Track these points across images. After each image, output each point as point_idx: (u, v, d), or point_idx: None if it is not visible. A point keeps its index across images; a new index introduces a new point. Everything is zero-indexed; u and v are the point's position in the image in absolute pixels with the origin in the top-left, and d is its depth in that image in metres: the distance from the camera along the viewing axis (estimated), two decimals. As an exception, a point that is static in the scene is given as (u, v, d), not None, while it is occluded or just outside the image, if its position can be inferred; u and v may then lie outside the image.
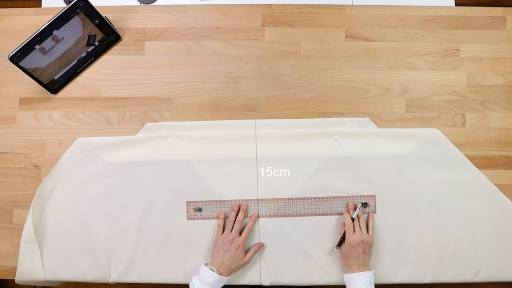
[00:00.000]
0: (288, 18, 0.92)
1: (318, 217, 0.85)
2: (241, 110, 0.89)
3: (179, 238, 0.84)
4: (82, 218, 0.85)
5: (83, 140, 0.87)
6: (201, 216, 0.85)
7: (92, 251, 0.84)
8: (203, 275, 0.76)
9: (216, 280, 0.75)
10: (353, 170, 0.85)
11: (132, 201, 0.85)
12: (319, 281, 0.83)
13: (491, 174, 0.87)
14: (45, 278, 0.84)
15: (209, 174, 0.85)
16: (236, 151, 0.86)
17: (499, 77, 0.90)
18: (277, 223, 0.84)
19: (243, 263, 0.80)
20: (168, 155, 0.86)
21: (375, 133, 0.87)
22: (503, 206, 0.86)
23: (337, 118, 0.88)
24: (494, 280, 0.84)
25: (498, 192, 0.86)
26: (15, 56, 0.79)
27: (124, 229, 0.84)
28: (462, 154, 0.87)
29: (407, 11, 0.92)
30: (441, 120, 0.89)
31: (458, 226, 0.84)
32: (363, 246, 0.77)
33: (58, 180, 0.86)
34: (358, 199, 0.85)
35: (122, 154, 0.86)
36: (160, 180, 0.85)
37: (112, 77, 0.90)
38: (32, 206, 0.85)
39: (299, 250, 0.84)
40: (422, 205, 0.85)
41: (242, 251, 0.80)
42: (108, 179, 0.85)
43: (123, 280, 0.84)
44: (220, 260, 0.78)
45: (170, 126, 0.88)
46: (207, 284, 0.75)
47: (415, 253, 0.84)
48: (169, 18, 0.92)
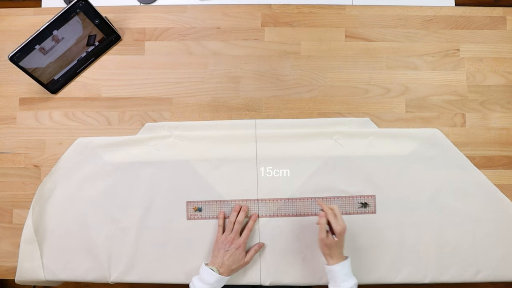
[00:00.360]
0: (288, 18, 0.92)
1: (318, 217, 0.84)
2: (241, 110, 0.89)
3: (179, 238, 0.84)
4: (82, 218, 0.85)
5: (83, 140, 0.87)
6: (201, 216, 0.85)
7: (92, 251, 0.84)
8: (203, 275, 0.76)
9: (217, 280, 0.75)
10: (353, 170, 0.85)
11: (132, 201, 0.85)
12: (319, 281, 0.83)
13: (491, 174, 0.87)
14: (45, 278, 0.84)
15: (209, 174, 0.85)
16: (236, 151, 0.86)
17: (499, 77, 0.90)
18: (277, 223, 0.84)
19: (244, 263, 0.80)
20: (168, 155, 0.86)
21: (375, 133, 0.87)
22: (503, 206, 0.86)
23: (337, 118, 0.88)
24: (494, 280, 0.84)
25: (498, 192, 0.86)
26: (15, 56, 0.79)
27: (124, 229, 0.84)
28: (462, 154, 0.87)
29: (407, 11, 0.92)
30: (441, 120, 0.89)
31: (458, 226, 0.84)
32: (345, 233, 0.76)
33: (58, 180, 0.86)
34: (358, 199, 0.85)
35: (122, 154, 0.86)
36: (160, 180, 0.85)
37: (112, 77, 0.90)
38: (32, 206, 0.85)
39: (299, 250, 0.84)
40: (422, 205, 0.85)
41: (243, 251, 0.80)
42: (108, 179, 0.85)
43: (123, 280, 0.84)
44: (220, 260, 0.78)
45: (170, 126, 0.88)
46: (207, 284, 0.75)
47: (415, 253, 0.84)
48: (169, 18, 0.92)
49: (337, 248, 0.75)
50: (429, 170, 0.86)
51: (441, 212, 0.85)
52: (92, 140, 0.87)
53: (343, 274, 0.74)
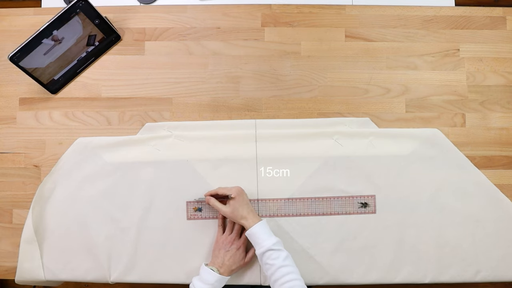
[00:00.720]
0: (288, 18, 0.92)
1: (318, 217, 0.85)
2: (241, 110, 0.89)
3: (179, 238, 0.84)
4: (82, 218, 0.85)
5: (83, 140, 0.87)
6: (201, 216, 0.85)
7: (92, 251, 0.84)
8: (203, 275, 0.76)
9: (217, 280, 0.75)
10: (353, 170, 0.85)
11: (132, 201, 0.85)
12: (319, 281, 0.83)
13: (491, 174, 0.87)
14: (45, 278, 0.84)
15: (209, 174, 0.85)
16: (236, 151, 0.86)
17: (499, 77, 0.90)
18: (277, 223, 0.84)
19: (244, 264, 0.80)
20: (168, 155, 0.86)
21: (375, 133, 0.87)
22: (503, 206, 0.86)
23: (337, 118, 0.88)
24: (494, 280, 0.84)
25: (498, 192, 0.86)
26: (15, 56, 0.79)
27: (124, 229, 0.84)
28: (462, 154, 0.87)
29: (407, 11, 0.92)
30: (441, 120, 0.89)
31: (458, 226, 0.84)
32: (243, 194, 0.80)
33: (58, 180, 0.86)
34: (358, 199, 0.85)
35: (122, 154, 0.86)
36: (160, 180, 0.85)
37: (112, 77, 0.90)
38: (32, 206, 0.85)
39: (299, 250, 0.84)
40: (422, 205, 0.85)
41: (243, 251, 0.80)
42: (108, 179, 0.85)
43: (123, 280, 0.84)
44: (221, 261, 0.78)
45: (170, 126, 0.88)
46: (208, 284, 0.75)
47: (415, 253, 0.84)
48: (169, 18, 0.92)
49: (243, 208, 0.77)
50: (429, 170, 0.86)
51: (441, 212, 0.85)
52: (92, 140, 0.87)
53: (263, 233, 0.75)
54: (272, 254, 0.73)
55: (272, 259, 0.72)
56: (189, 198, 0.85)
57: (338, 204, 0.85)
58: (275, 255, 0.73)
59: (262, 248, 0.74)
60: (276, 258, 0.72)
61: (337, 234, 0.84)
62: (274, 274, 0.71)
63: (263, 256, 0.74)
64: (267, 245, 0.73)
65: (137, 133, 0.88)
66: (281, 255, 0.73)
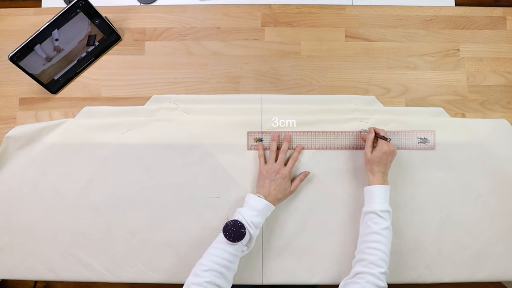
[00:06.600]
0: (288, 18, 0.92)
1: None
2: (241, 110, 0.89)
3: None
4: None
5: (89, 109, 0.88)
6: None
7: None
8: (251, 202, 0.74)
9: (265, 207, 0.73)
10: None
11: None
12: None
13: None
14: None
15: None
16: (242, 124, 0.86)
17: (499, 77, 0.90)
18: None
19: (289, 192, 0.79)
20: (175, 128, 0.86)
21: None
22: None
23: (343, 96, 0.88)
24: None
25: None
26: (15, 56, 0.79)
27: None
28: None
29: (407, 11, 0.92)
30: (441, 120, 0.89)
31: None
32: (392, 156, 0.76)
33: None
34: (417, 134, 0.85)
35: (128, 124, 0.86)
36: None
37: (112, 77, 0.90)
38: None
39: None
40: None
41: (288, 180, 0.79)
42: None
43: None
44: (267, 190, 0.77)
45: (176, 99, 0.88)
46: (256, 211, 0.73)
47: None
48: (169, 18, 0.92)
49: (378, 166, 0.75)
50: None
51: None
52: (98, 109, 0.88)
53: (377, 196, 0.73)
54: (375, 218, 0.71)
55: (373, 222, 0.71)
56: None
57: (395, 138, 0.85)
58: (378, 220, 0.71)
59: (370, 208, 0.73)
60: (377, 223, 0.71)
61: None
62: (367, 235, 0.71)
63: (367, 215, 0.73)
64: (376, 208, 0.72)
65: (145, 104, 0.88)
66: (384, 224, 0.71)
